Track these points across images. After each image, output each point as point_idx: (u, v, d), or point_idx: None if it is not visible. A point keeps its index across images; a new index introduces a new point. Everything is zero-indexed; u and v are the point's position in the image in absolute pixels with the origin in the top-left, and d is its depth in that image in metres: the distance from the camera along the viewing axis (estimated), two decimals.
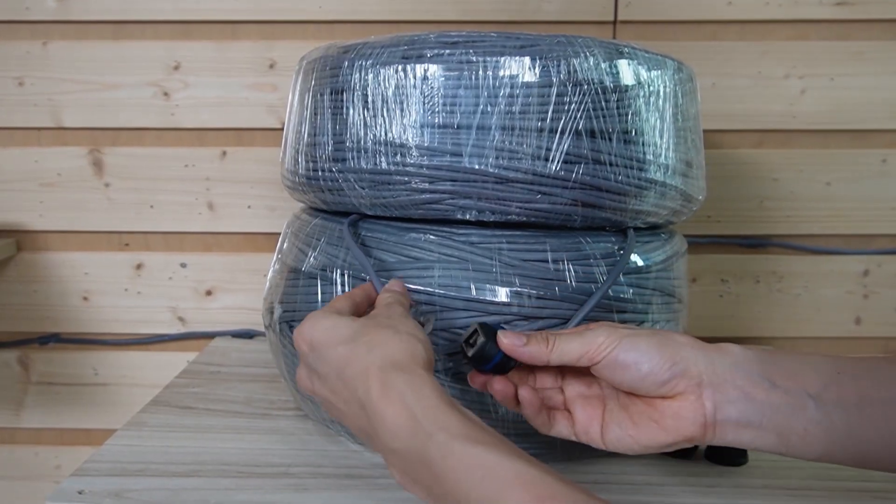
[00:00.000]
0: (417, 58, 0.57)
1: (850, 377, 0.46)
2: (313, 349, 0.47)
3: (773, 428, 0.46)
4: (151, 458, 0.62)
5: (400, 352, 0.43)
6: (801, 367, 0.47)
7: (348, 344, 0.45)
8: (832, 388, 0.46)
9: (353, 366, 0.44)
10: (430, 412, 0.40)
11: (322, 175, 0.62)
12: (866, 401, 0.46)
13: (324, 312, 0.48)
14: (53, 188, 0.97)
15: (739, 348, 0.48)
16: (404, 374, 0.42)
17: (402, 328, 0.46)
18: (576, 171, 0.56)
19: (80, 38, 0.94)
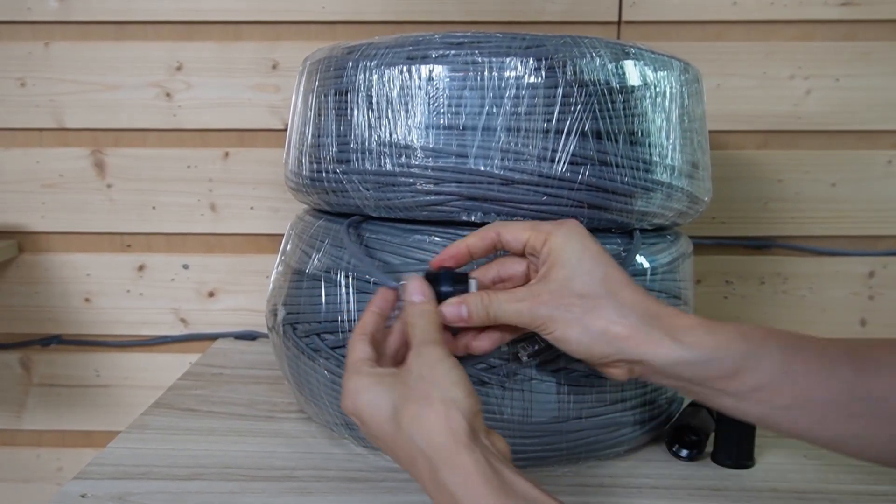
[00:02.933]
0: (422, 58, 0.56)
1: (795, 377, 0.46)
2: (363, 423, 0.46)
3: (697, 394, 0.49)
4: (154, 461, 0.62)
5: (439, 433, 0.42)
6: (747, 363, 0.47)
7: (391, 423, 0.44)
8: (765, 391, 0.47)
9: (402, 451, 0.44)
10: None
11: (326, 176, 0.61)
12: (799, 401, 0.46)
13: (361, 380, 0.46)
14: (55, 189, 0.97)
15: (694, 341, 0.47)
16: (448, 469, 0.41)
17: (434, 394, 0.43)
18: (582, 173, 0.56)
19: (82, 39, 0.94)
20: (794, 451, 0.66)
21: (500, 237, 0.52)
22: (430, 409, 0.42)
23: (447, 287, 0.51)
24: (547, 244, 0.50)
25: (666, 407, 0.65)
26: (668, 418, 0.66)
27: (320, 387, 0.63)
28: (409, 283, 0.50)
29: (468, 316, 0.50)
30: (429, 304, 0.49)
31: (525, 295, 0.49)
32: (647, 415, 0.63)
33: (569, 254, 0.49)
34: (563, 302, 0.48)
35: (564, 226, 0.50)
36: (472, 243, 0.52)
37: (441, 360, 0.45)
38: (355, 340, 0.49)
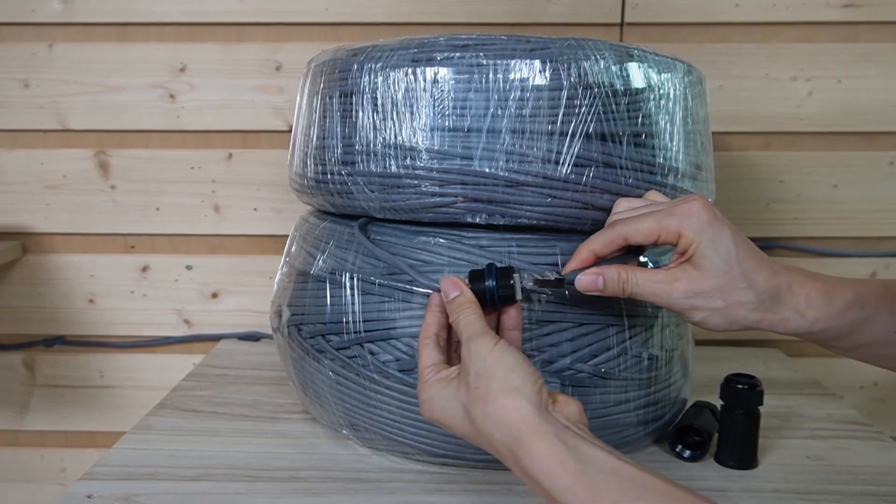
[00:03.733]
0: (427, 61, 0.57)
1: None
2: (445, 427, 0.48)
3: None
4: (159, 462, 0.62)
5: (511, 425, 0.43)
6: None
7: (468, 425, 0.46)
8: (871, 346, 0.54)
9: (486, 446, 0.45)
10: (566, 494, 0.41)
11: (331, 178, 0.62)
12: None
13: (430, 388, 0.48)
14: (59, 190, 0.97)
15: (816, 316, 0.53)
16: (527, 458, 0.42)
17: (494, 387, 0.44)
18: (586, 175, 0.56)
19: (85, 41, 0.94)
20: (797, 452, 0.66)
21: (627, 241, 0.53)
22: (496, 405, 0.44)
23: (492, 281, 0.51)
24: (682, 238, 0.51)
25: (669, 408, 0.65)
26: (672, 419, 0.66)
27: (325, 388, 0.63)
28: (441, 282, 0.51)
29: (603, 286, 0.52)
30: (463, 297, 0.50)
31: (664, 277, 0.52)
32: (650, 415, 0.63)
33: (705, 247, 0.51)
34: (702, 291, 0.51)
35: (694, 216, 0.51)
36: (597, 249, 0.53)
37: (491, 351, 0.46)
38: (421, 346, 0.50)
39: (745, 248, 0.52)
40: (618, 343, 0.59)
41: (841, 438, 0.69)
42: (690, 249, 0.51)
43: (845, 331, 0.53)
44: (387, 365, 0.59)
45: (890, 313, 0.53)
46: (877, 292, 0.54)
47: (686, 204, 0.52)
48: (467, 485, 0.59)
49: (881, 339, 0.53)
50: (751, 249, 0.53)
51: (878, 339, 0.53)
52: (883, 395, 0.98)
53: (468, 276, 0.52)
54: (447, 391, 0.47)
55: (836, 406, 0.77)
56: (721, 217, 0.52)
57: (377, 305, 0.59)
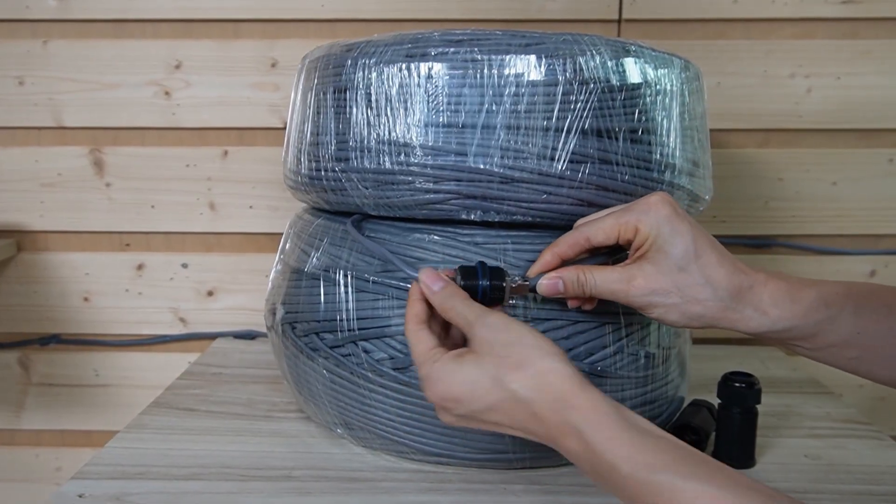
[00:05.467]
0: (421, 56, 0.56)
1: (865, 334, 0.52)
2: (459, 403, 0.47)
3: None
4: (152, 461, 0.62)
5: (557, 383, 0.44)
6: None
7: (496, 393, 0.45)
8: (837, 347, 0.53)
9: (513, 414, 0.45)
10: (609, 444, 0.42)
11: (325, 175, 0.61)
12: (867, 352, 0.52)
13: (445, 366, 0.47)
14: (54, 188, 0.96)
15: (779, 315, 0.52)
16: (573, 409, 0.43)
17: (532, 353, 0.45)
18: (582, 171, 0.55)
19: (80, 37, 0.94)
20: (795, 451, 0.66)
21: (589, 241, 0.53)
22: (535, 368, 0.44)
23: (485, 281, 0.51)
24: (639, 233, 0.51)
25: (666, 407, 0.65)
26: (669, 418, 0.65)
27: (319, 386, 0.62)
28: (421, 274, 0.50)
29: (563, 289, 0.52)
30: (453, 286, 0.50)
31: (620, 277, 0.52)
32: (647, 414, 0.62)
33: (661, 241, 0.51)
34: (659, 288, 0.51)
35: (651, 210, 0.51)
36: (561, 252, 0.53)
37: (512, 322, 0.47)
38: (415, 331, 0.49)
39: (705, 244, 0.52)
40: (614, 341, 0.59)
41: (839, 437, 0.69)
42: (646, 244, 0.51)
43: (809, 331, 0.52)
44: (381, 363, 0.58)
45: (853, 314, 0.52)
46: (840, 292, 0.53)
47: (645, 200, 0.52)
48: (462, 484, 0.59)
49: (845, 340, 0.52)
50: (712, 246, 0.52)
51: (842, 340, 0.52)
52: (882, 394, 0.97)
53: (459, 272, 0.51)
54: (465, 366, 0.46)
55: (835, 405, 0.77)
56: (682, 213, 0.52)
57: (371, 303, 0.59)
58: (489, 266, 0.52)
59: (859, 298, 0.53)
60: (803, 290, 0.53)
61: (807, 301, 0.52)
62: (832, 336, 0.52)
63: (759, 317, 0.52)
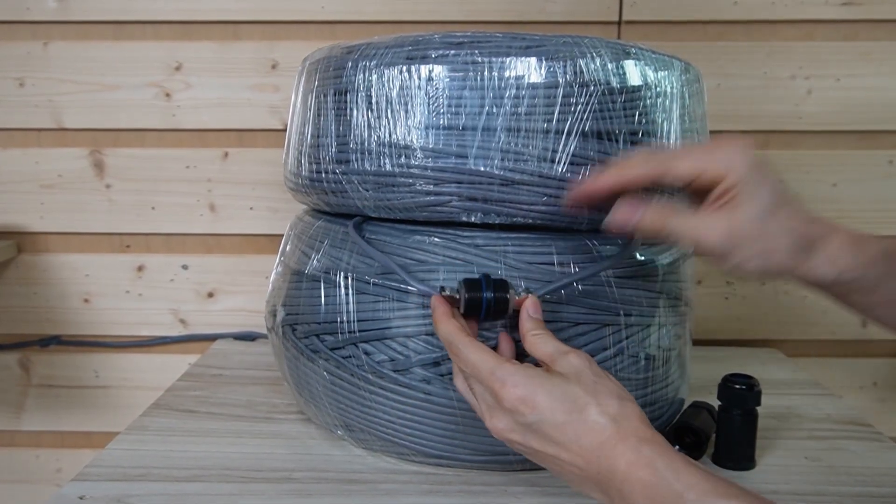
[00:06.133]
0: (422, 58, 0.56)
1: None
2: (535, 410, 0.47)
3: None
4: (153, 463, 0.62)
5: (640, 421, 0.47)
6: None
7: (574, 414, 0.47)
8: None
9: (591, 436, 0.46)
10: (679, 474, 0.43)
11: (325, 177, 0.61)
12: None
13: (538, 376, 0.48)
14: (54, 189, 0.96)
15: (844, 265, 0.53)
16: (645, 444, 0.45)
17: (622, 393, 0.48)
18: (582, 173, 0.55)
19: (80, 39, 0.94)
20: (794, 453, 0.66)
21: (669, 175, 0.52)
22: (622, 402, 0.47)
23: (489, 293, 0.51)
24: (726, 180, 0.50)
25: (667, 408, 0.65)
26: (669, 419, 0.65)
27: (319, 388, 0.62)
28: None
29: (641, 219, 0.52)
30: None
31: (705, 223, 0.51)
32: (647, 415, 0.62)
33: (748, 190, 0.50)
34: (745, 236, 0.50)
35: (737, 157, 0.50)
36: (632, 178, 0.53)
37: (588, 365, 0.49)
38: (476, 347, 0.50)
39: (786, 193, 0.52)
40: (614, 343, 0.59)
41: (840, 439, 0.69)
42: (732, 191, 0.50)
43: (870, 283, 0.53)
44: (381, 365, 0.58)
45: None
46: None
47: (728, 144, 0.51)
48: (462, 486, 0.59)
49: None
50: (789, 195, 0.52)
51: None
52: (883, 396, 0.97)
53: (463, 284, 0.52)
54: (553, 379, 0.48)
55: (835, 406, 0.77)
56: (763, 161, 0.51)
57: (372, 305, 0.59)
58: (493, 278, 0.52)
59: None
60: (869, 241, 0.54)
61: (871, 252, 0.53)
62: (891, 291, 0.53)
63: (827, 266, 0.52)
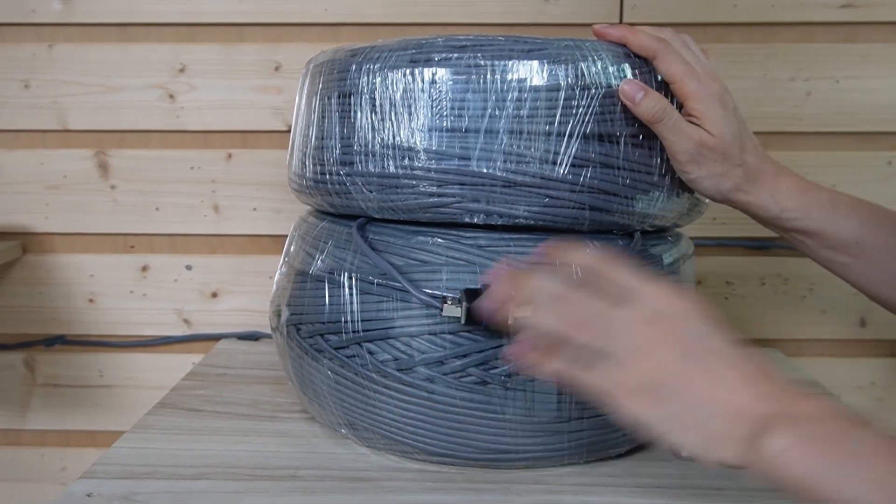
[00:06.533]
0: (425, 61, 0.57)
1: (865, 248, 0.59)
2: (685, 317, 0.44)
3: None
4: (159, 461, 0.63)
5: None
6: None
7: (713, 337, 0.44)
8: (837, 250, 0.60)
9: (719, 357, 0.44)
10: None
11: (329, 178, 0.62)
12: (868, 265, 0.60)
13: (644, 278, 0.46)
14: (59, 190, 0.97)
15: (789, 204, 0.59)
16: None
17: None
18: (584, 175, 0.56)
19: (85, 41, 0.94)
20: None
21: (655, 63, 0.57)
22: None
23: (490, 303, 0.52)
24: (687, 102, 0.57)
25: None
26: None
27: (324, 387, 0.63)
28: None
29: (643, 94, 0.55)
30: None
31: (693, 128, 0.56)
32: None
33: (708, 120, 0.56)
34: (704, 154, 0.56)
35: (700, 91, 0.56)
36: (632, 42, 0.58)
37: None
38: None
39: (745, 127, 0.59)
40: None
41: None
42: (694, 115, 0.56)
43: (813, 228, 0.59)
44: (385, 364, 0.59)
45: (859, 223, 0.58)
46: (852, 203, 0.59)
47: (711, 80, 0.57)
48: (465, 483, 0.60)
49: (843, 245, 0.59)
50: (748, 131, 0.59)
51: (840, 244, 0.59)
52: (881, 395, 0.98)
53: (464, 294, 0.53)
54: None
55: None
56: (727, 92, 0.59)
57: (375, 305, 0.59)
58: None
59: (870, 213, 0.59)
60: (816, 189, 0.59)
61: (816, 198, 0.58)
62: (833, 238, 0.58)
63: (770, 203, 0.58)
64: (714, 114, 0.56)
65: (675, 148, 0.56)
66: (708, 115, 0.56)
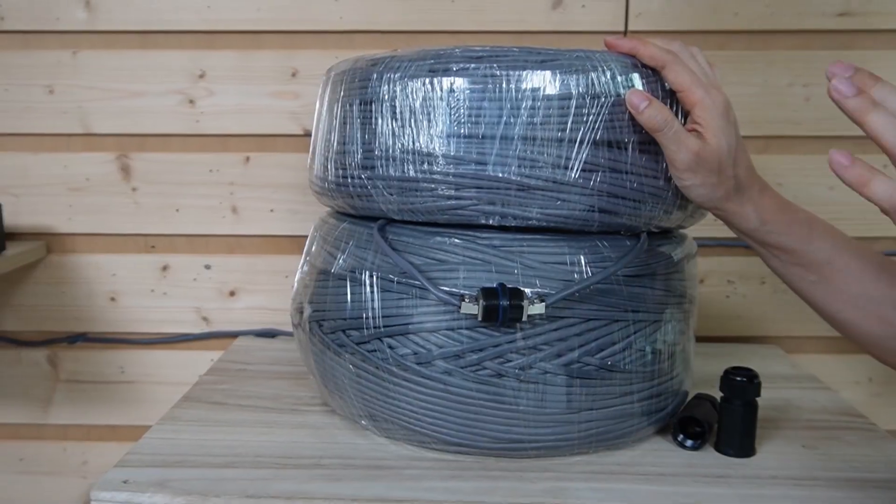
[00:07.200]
0: (444, 71, 0.60)
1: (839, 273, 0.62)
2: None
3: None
4: (188, 451, 0.66)
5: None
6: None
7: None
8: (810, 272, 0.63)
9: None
10: None
11: (351, 182, 0.65)
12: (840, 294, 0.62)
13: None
14: (82, 192, 1.00)
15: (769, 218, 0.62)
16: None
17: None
18: (593, 179, 0.59)
19: (108, 48, 0.98)
20: (792, 441, 0.70)
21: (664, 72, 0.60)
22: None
23: (505, 300, 0.57)
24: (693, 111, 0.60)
25: (672, 399, 0.69)
26: (674, 410, 0.69)
27: (345, 380, 0.66)
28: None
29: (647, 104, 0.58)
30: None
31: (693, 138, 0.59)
32: (653, 406, 0.66)
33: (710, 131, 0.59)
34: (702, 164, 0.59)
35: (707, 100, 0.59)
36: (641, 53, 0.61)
37: None
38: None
39: (741, 141, 0.62)
40: (623, 338, 0.63)
41: (835, 429, 0.73)
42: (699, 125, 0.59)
43: (788, 244, 0.62)
44: (405, 358, 0.62)
45: (832, 247, 0.62)
46: (825, 226, 0.63)
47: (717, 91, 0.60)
48: (481, 471, 0.63)
49: (814, 265, 0.62)
50: (743, 147, 0.62)
51: (810, 263, 0.62)
52: (878, 391, 1.01)
53: (481, 293, 0.57)
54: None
55: (831, 399, 0.81)
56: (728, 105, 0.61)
57: (396, 302, 0.63)
58: (508, 287, 0.57)
59: (840, 237, 0.62)
60: (796, 209, 0.63)
61: (795, 217, 0.62)
62: (806, 256, 0.62)
63: (754, 216, 0.61)
64: (716, 124, 0.59)
65: (674, 156, 0.59)
66: (711, 124, 0.59)
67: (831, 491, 0.60)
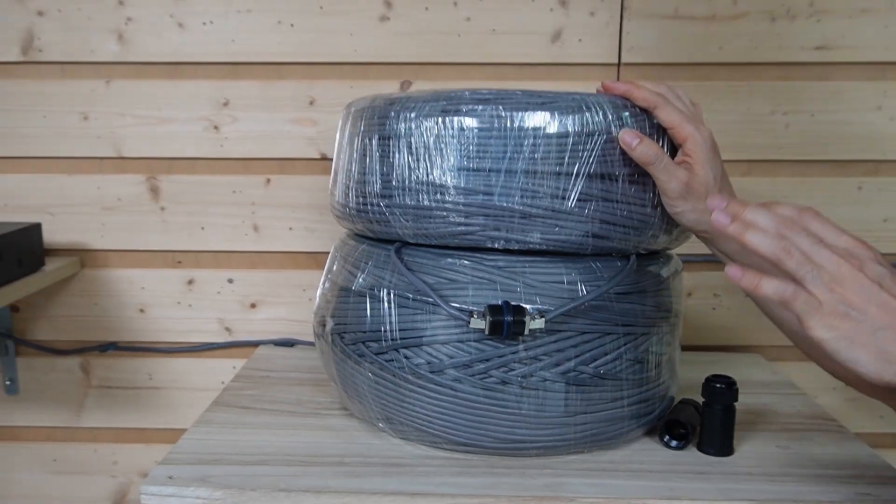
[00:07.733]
0: (455, 111, 0.67)
1: None
2: (871, 260, 0.53)
3: None
4: (224, 451, 0.73)
5: None
6: None
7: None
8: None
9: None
10: None
11: (371, 208, 0.72)
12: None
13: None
14: (114, 212, 1.07)
15: None
16: None
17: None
18: (588, 208, 0.67)
19: (139, 78, 1.04)
20: (767, 442, 0.76)
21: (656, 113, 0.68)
22: None
23: (509, 316, 0.64)
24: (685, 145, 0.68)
25: (658, 404, 0.75)
26: (661, 414, 0.76)
27: (365, 387, 0.73)
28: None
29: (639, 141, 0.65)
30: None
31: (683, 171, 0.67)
32: (642, 410, 0.73)
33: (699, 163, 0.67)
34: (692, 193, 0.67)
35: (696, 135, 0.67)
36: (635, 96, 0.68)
37: None
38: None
39: (724, 171, 0.70)
40: (614, 349, 0.69)
41: (808, 431, 0.79)
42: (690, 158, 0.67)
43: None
44: (419, 367, 0.69)
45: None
46: None
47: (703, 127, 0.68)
48: (487, 468, 0.69)
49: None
50: (726, 176, 0.70)
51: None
52: (853, 396, 1.07)
53: (488, 309, 0.64)
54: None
55: (806, 404, 0.87)
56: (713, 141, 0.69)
57: (411, 316, 0.69)
58: (512, 304, 0.64)
59: None
60: None
61: None
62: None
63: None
64: (704, 156, 0.67)
65: (665, 186, 0.66)
66: (700, 156, 0.67)
67: (800, 486, 0.67)
